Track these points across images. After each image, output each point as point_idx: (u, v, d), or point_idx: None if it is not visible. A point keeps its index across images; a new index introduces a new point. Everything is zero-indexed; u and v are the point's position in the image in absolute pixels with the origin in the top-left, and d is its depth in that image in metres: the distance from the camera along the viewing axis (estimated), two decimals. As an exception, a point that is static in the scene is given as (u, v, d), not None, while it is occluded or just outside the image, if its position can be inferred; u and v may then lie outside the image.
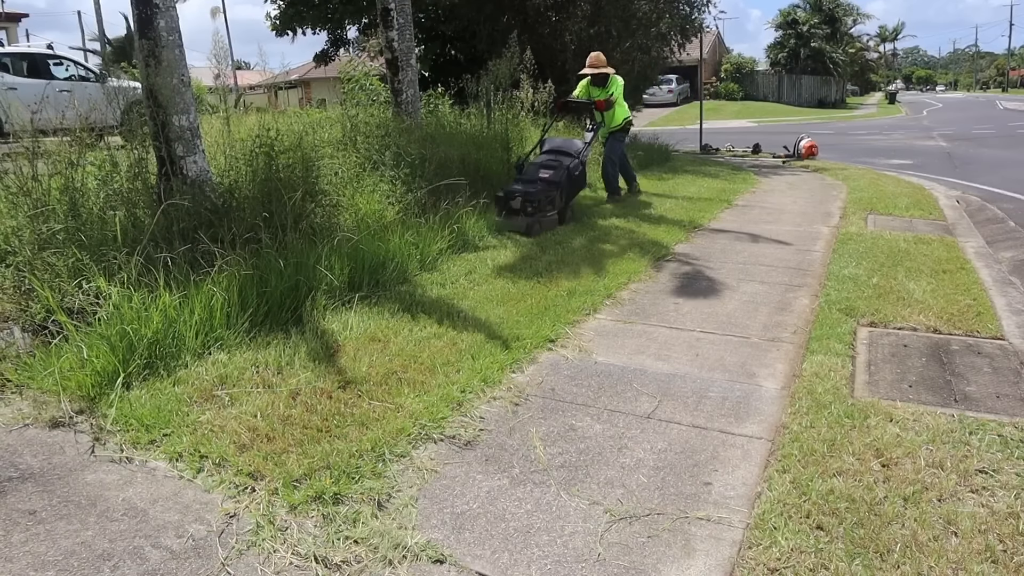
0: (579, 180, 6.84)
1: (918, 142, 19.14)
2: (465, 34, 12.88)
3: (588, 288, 4.54)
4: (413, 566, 1.99)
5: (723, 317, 4.16)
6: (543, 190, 6.11)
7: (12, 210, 3.89)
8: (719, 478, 2.45)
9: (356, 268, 4.41)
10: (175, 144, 4.48)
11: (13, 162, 3.97)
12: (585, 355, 3.55)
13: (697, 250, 5.89)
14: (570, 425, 2.82)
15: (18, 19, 28.41)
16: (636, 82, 13.79)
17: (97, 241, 3.69)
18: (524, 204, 6.01)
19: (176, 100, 4.44)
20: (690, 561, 2.03)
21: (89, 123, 4.40)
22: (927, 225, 7.04)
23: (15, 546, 2.06)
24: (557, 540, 2.11)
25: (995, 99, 49.97)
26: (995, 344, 3.71)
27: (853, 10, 51.79)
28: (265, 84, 16.16)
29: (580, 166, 6.74)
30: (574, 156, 6.73)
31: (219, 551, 2.04)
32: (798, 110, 39.85)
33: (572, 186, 6.63)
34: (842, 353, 3.52)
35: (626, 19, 12.30)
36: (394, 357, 3.33)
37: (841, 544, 2.07)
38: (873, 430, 2.72)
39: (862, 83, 63.86)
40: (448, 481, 2.42)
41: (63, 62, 11.99)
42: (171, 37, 4.41)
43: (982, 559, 2.00)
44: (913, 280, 4.80)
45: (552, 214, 6.24)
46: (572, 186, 6.63)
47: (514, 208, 6.06)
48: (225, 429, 2.63)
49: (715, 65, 45.92)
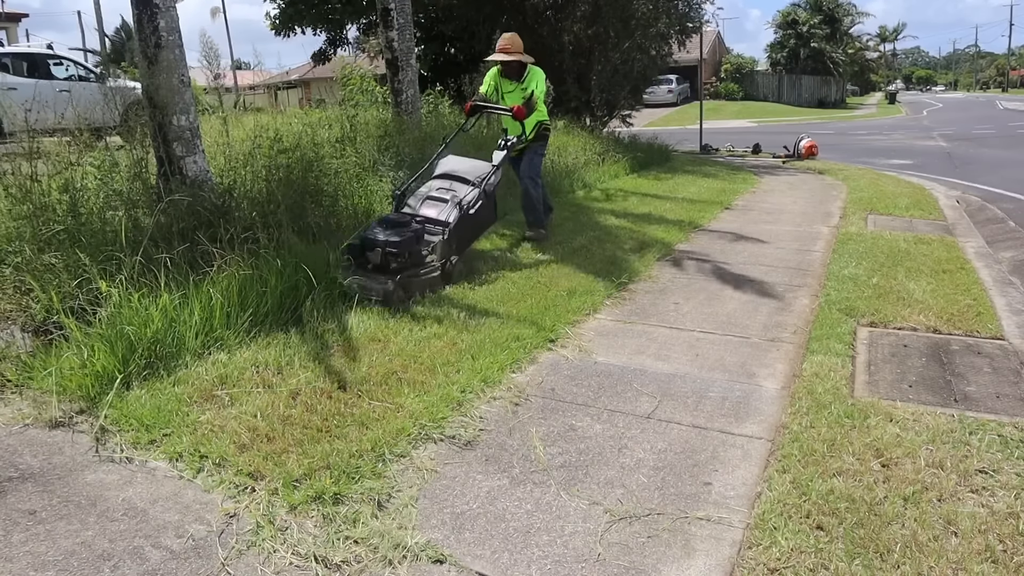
0: (481, 218, 4.89)
1: (918, 142, 19.14)
2: (464, 34, 12.89)
3: (588, 288, 4.54)
4: (413, 566, 1.99)
5: (723, 317, 4.16)
6: (413, 238, 4.24)
7: (12, 210, 3.89)
8: (719, 478, 2.45)
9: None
10: (174, 144, 4.48)
11: (12, 162, 3.97)
12: (585, 355, 3.55)
13: (697, 250, 5.89)
14: (570, 425, 2.82)
15: (18, 19, 28.39)
16: (636, 82, 13.81)
17: (97, 241, 3.68)
18: (387, 258, 4.09)
19: (176, 100, 4.44)
20: (690, 561, 2.03)
21: (89, 123, 4.40)
22: (927, 225, 7.04)
23: (15, 546, 2.06)
24: (557, 540, 2.11)
25: (995, 99, 49.99)
26: (995, 344, 3.71)
27: (852, 10, 51.85)
28: (264, 84, 16.19)
29: (483, 198, 4.84)
30: (474, 184, 4.86)
31: (219, 551, 2.04)
32: (798, 110, 39.85)
33: (470, 227, 4.78)
34: (842, 353, 3.52)
35: (625, 19, 12.30)
36: (394, 357, 3.33)
37: (841, 544, 2.07)
38: (873, 430, 2.72)
39: (862, 83, 63.88)
40: (448, 481, 2.41)
41: (63, 62, 11.98)
42: (171, 37, 4.41)
43: (982, 559, 2.00)
44: (913, 280, 4.80)
45: (431, 271, 4.30)
46: (470, 227, 4.78)
47: (373, 264, 4.16)
48: (225, 429, 2.63)
49: (715, 65, 45.92)
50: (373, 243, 4.17)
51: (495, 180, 5.04)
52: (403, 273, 4.11)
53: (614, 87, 13.19)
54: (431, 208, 4.70)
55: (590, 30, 12.39)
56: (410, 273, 4.16)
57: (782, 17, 49.85)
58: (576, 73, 12.66)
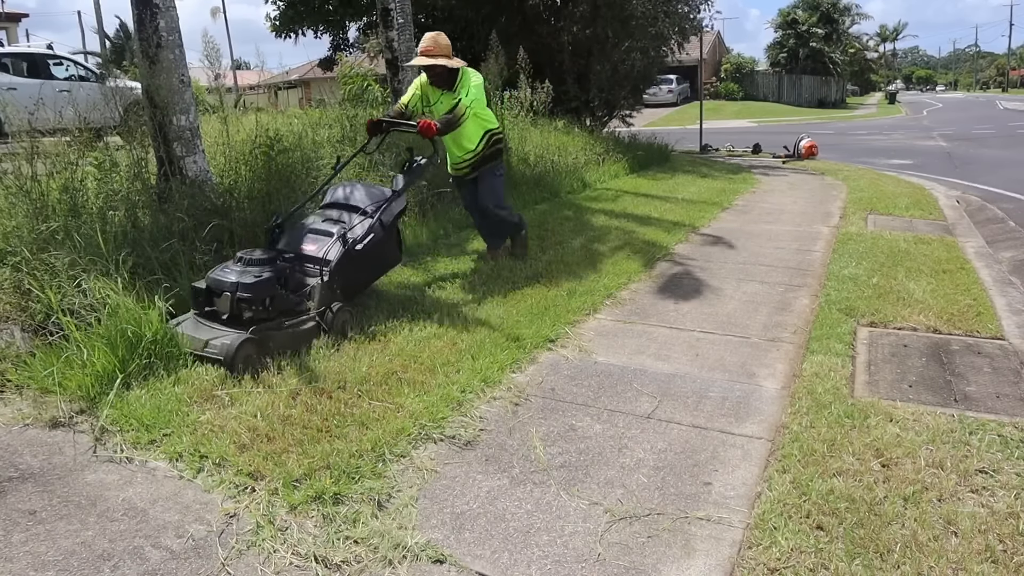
0: (377, 255, 4.01)
1: (918, 142, 19.14)
2: (464, 35, 12.87)
3: (588, 288, 4.54)
4: (413, 566, 1.99)
5: (723, 317, 4.16)
6: (272, 280, 3.37)
7: (12, 210, 3.89)
8: (719, 478, 2.45)
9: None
10: (175, 144, 4.48)
11: (12, 162, 3.97)
12: (585, 355, 3.55)
13: (697, 250, 5.89)
14: (570, 425, 2.82)
15: (18, 19, 28.40)
16: (635, 82, 13.81)
17: (97, 241, 3.68)
18: (238, 306, 3.29)
19: (176, 100, 4.44)
20: (690, 561, 2.03)
21: (89, 123, 4.40)
22: (927, 225, 7.04)
23: (15, 546, 2.06)
24: (557, 540, 2.11)
25: (995, 99, 49.99)
26: (995, 344, 3.71)
27: (851, 10, 51.85)
28: (265, 84, 16.18)
29: (378, 232, 3.93)
30: (368, 215, 3.97)
31: (219, 551, 2.04)
32: (798, 110, 39.85)
33: (361, 267, 3.89)
34: (842, 353, 3.52)
35: (624, 20, 12.29)
36: (394, 357, 3.33)
37: (841, 544, 2.07)
38: (873, 430, 2.72)
39: (862, 83, 63.88)
40: (448, 481, 2.41)
41: (63, 62, 11.98)
42: (171, 37, 4.41)
43: (982, 559, 2.00)
44: (913, 280, 4.80)
45: (303, 322, 3.45)
46: (361, 267, 3.89)
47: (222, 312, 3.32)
48: (225, 429, 2.63)
49: (715, 65, 45.92)
50: (220, 286, 3.30)
51: (396, 209, 4.14)
52: (259, 325, 3.26)
53: (614, 87, 13.19)
54: (312, 243, 3.83)
55: (589, 30, 12.39)
56: (270, 325, 3.32)
57: (782, 17, 49.85)
58: (576, 73, 12.66)
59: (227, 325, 3.26)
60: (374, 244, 3.89)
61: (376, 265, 4.09)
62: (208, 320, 3.32)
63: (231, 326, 3.25)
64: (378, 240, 3.93)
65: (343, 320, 3.61)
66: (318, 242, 3.82)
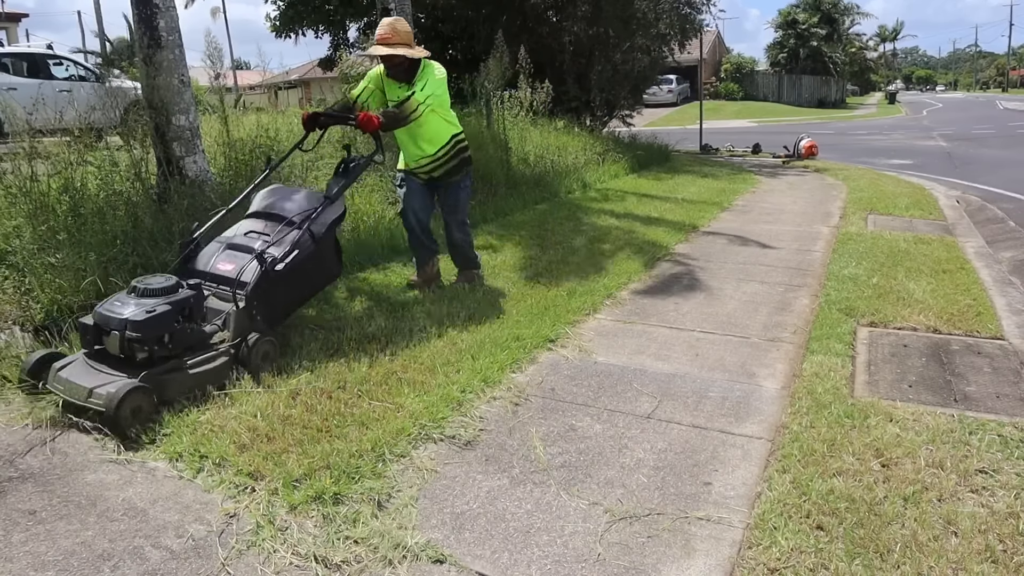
0: (308, 272, 3.45)
1: (918, 142, 19.14)
2: (464, 34, 12.88)
3: (588, 288, 4.54)
4: (413, 566, 1.99)
5: (723, 317, 4.16)
6: (168, 315, 2.84)
7: (12, 210, 3.89)
8: (719, 478, 2.45)
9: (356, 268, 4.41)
10: (174, 144, 4.48)
11: (12, 162, 3.97)
12: (585, 355, 3.55)
13: (697, 250, 5.89)
14: (570, 425, 2.82)
15: (18, 19, 28.39)
16: (636, 82, 13.81)
17: (97, 241, 3.68)
18: (129, 346, 2.78)
19: (176, 100, 4.44)
20: (690, 561, 2.03)
21: (89, 123, 4.40)
22: (927, 225, 7.04)
23: (15, 546, 2.06)
24: (557, 540, 2.11)
25: (995, 99, 49.98)
26: (995, 344, 3.71)
27: (851, 10, 51.83)
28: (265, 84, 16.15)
29: (307, 245, 3.41)
30: (295, 226, 3.45)
31: (219, 551, 2.04)
32: (798, 110, 39.84)
33: (288, 287, 3.34)
34: (842, 353, 3.51)
35: (626, 20, 12.30)
36: (394, 357, 3.33)
37: (841, 544, 2.07)
38: (873, 430, 2.72)
39: (862, 83, 63.86)
40: (448, 481, 2.41)
41: (63, 62, 11.99)
42: (171, 37, 4.41)
43: (982, 559, 2.00)
44: (913, 280, 4.80)
45: (212, 358, 2.97)
46: (288, 287, 3.34)
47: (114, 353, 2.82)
48: (225, 429, 2.63)
49: (715, 65, 45.92)
50: (108, 323, 2.79)
51: (330, 217, 3.56)
52: (153, 369, 2.76)
53: (614, 87, 13.20)
54: (228, 261, 3.32)
55: (590, 30, 12.39)
56: (169, 366, 2.82)
57: (782, 17, 49.84)
58: (576, 73, 12.66)
59: (118, 368, 2.76)
60: (301, 260, 3.32)
61: (306, 283, 3.52)
62: (99, 361, 2.81)
63: (122, 370, 2.74)
64: (307, 255, 3.38)
65: (263, 353, 3.11)
66: (235, 260, 3.30)
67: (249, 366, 3.05)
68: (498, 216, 6.74)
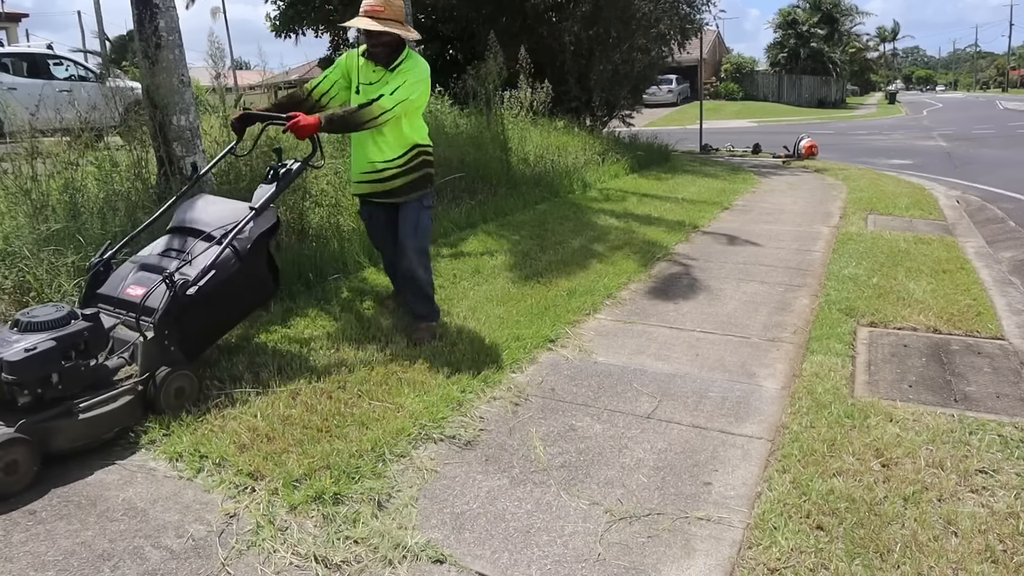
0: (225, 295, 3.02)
1: (918, 142, 19.14)
2: (464, 34, 12.87)
3: (588, 288, 4.54)
4: (413, 566, 1.99)
5: (723, 317, 4.16)
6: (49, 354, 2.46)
7: (12, 210, 3.89)
8: (719, 478, 2.45)
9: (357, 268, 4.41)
10: (175, 144, 4.48)
11: (12, 162, 3.97)
12: (585, 355, 3.55)
13: (697, 250, 5.89)
14: (570, 425, 2.82)
15: (18, 19, 28.39)
16: (636, 82, 13.80)
17: (97, 241, 3.68)
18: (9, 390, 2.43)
19: (176, 100, 4.44)
20: (690, 561, 2.03)
21: (89, 123, 4.40)
22: (927, 225, 7.04)
23: (15, 546, 2.06)
24: (557, 540, 2.11)
25: (995, 99, 49.97)
26: (995, 344, 3.71)
27: (852, 10, 51.84)
28: (265, 84, 16.14)
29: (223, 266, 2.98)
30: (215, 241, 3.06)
31: (219, 551, 2.04)
32: (798, 110, 39.84)
33: (209, 311, 2.98)
34: (842, 353, 3.52)
35: (626, 20, 12.29)
36: (394, 357, 3.33)
37: (841, 544, 2.07)
38: (873, 430, 2.72)
39: (862, 83, 63.87)
40: (448, 481, 2.42)
41: (63, 62, 11.98)
42: (171, 37, 4.41)
43: (982, 559, 2.00)
44: (913, 280, 4.80)
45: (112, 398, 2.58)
46: (209, 311, 2.98)
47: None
48: (225, 429, 2.63)
49: (715, 65, 45.92)
50: None
51: (258, 230, 3.15)
52: (36, 416, 2.40)
53: (614, 87, 13.19)
54: (138, 285, 2.95)
55: (590, 30, 12.39)
56: (56, 412, 2.45)
57: (782, 17, 49.83)
58: (576, 73, 12.65)
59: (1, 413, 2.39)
60: (221, 281, 2.93)
61: (231, 306, 3.14)
62: None
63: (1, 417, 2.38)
64: (230, 274, 2.99)
65: (177, 388, 2.74)
66: (145, 283, 2.92)
67: (158, 405, 2.67)
68: (498, 216, 6.73)
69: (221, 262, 2.95)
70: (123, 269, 3.11)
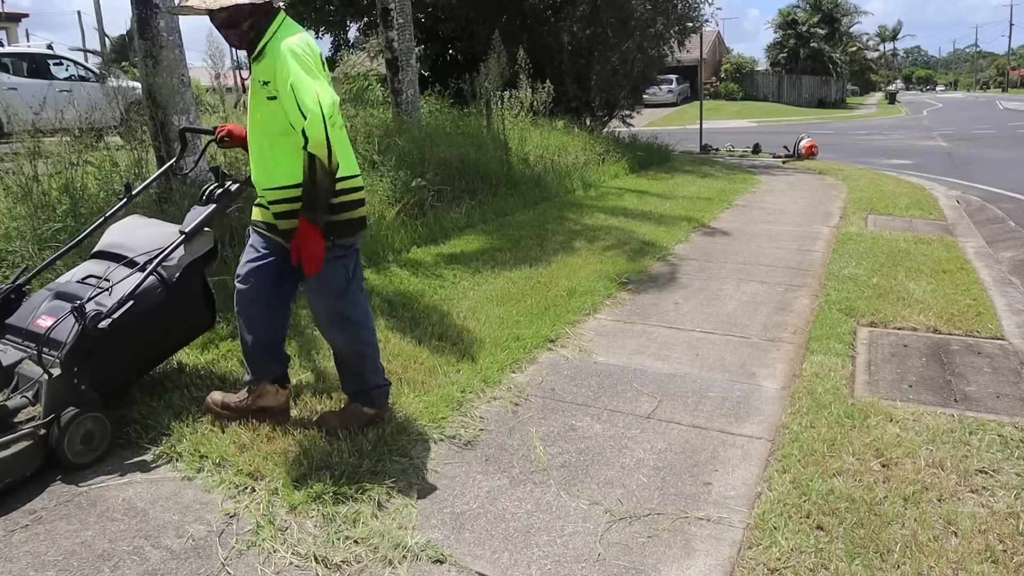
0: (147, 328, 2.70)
1: (918, 142, 19.14)
2: (464, 34, 12.88)
3: (588, 288, 4.54)
4: (413, 566, 1.99)
5: (723, 317, 4.16)
6: None
7: (13, 210, 3.89)
8: (719, 478, 2.45)
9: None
10: (175, 144, 4.48)
11: (13, 162, 3.98)
12: (585, 355, 3.55)
13: (697, 250, 5.89)
14: (570, 425, 2.82)
15: (18, 19, 28.40)
16: (636, 82, 13.80)
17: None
18: None
19: (176, 100, 4.44)
20: (690, 561, 2.03)
21: (89, 123, 4.40)
22: (927, 225, 7.04)
23: (15, 546, 2.06)
24: (557, 540, 2.11)
25: (995, 99, 49.96)
26: (995, 344, 3.71)
27: (852, 9, 51.84)
28: (265, 84, 16.09)
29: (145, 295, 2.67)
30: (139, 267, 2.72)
31: (219, 551, 2.04)
32: (798, 110, 39.84)
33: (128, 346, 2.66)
34: (842, 353, 3.51)
35: (624, 19, 12.29)
36: (394, 357, 3.33)
37: (841, 544, 2.07)
38: (873, 430, 2.72)
39: (862, 83, 63.86)
40: (448, 481, 2.42)
41: (63, 62, 11.99)
42: (171, 37, 4.41)
43: (982, 559, 2.00)
44: (913, 280, 4.80)
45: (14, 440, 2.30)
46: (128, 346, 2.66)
47: None
48: (225, 429, 2.63)
49: (715, 65, 45.92)
50: None
51: (189, 256, 2.80)
52: None
53: (614, 87, 13.19)
54: (49, 315, 2.66)
55: (589, 30, 12.39)
56: None
57: (782, 17, 49.83)
58: (576, 73, 12.65)
59: None
60: (142, 313, 2.64)
61: (156, 340, 2.80)
62: None
63: None
64: (153, 305, 2.68)
65: (84, 432, 2.43)
66: (56, 313, 2.62)
67: (60, 453, 2.37)
68: (498, 216, 6.74)
69: (143, 291, 2.65)
70: (37, 297, 2.81)
